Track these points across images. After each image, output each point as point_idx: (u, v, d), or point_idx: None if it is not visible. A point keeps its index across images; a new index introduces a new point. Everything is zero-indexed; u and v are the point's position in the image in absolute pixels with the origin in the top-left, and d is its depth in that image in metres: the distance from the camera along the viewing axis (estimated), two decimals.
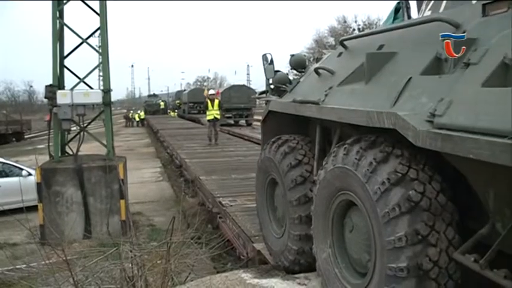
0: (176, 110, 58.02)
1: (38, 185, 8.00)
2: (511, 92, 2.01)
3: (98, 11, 8.82)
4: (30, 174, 10.02)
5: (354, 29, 46.78)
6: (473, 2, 2.97)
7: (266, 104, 5.43)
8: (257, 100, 30.73)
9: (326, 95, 3.74)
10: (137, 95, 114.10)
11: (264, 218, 5.04)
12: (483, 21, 2.69)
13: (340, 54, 4.33)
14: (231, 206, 7.41)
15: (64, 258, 3.85)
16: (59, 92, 8.38)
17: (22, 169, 10.49)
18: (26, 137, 34.10)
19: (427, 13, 3.69)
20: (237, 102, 34.00)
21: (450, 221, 2.67)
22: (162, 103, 62.52)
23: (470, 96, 2.28)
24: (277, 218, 4.79)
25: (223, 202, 7.66)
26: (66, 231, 7.50)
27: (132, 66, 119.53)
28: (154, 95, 69.60)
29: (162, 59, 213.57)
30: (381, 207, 2.69)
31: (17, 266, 5.53)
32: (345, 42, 4.25)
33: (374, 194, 2.75)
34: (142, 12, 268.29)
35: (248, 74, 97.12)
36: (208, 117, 17.34)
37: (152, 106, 59.34)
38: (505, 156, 1.89)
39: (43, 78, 12.79)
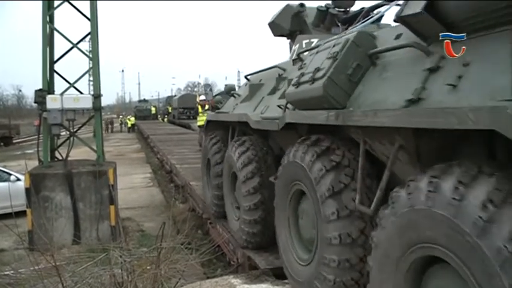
0: (166, 116, 57.79)
1: (27, 190, 7.91)
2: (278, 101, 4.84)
3: (89, 16, 8.82)
4: (18, 180, 9.90)
5: None
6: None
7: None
8: None
9: (234, 108, 6.69)
10: (127, 100, 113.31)
11: (204, 185, 8.06)
12: (293, 67, 5.07)
13: (246, 84, 6.98)
14: None
15: (53, 264, 3.83)
16: (49, 97, 8.34)
17: (10, 174, 10.35)
18: (14, 141, 33.61)
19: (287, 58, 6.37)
20: None
21: (266, 153, 5.45)
22: (153, 108, 62.33)
23: (272, 103, 5.08)
24: (213, 184, 7.22)
25: None
26: (55, 236, 7.44)
27: (123, 71, 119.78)
28: (145, 100, 69.36)
29: (152, 64, 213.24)
30: (234, 156, 5.57)
31: (5, 272, 5.47)
32: (248, 77, 7.04)
33: (238, 159, 5.52)
34: (133, 17, 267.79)
35: (239, 80, 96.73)
36: (199, 123, 17.34)
37: (142, 111, 59.08)
38: (273, 125, 4.47)
39: (32, 82, 12.71)
